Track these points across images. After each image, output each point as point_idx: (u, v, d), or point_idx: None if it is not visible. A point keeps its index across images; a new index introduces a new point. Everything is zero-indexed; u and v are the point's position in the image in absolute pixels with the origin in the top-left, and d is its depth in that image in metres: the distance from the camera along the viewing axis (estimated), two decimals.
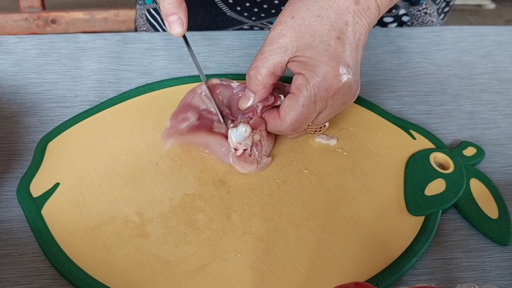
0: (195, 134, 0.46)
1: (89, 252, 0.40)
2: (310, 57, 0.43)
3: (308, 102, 0.43)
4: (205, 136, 0.46)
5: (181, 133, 0.46)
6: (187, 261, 0.40)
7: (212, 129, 0.47)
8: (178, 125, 0.46)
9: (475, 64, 0.64)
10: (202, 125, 0.47)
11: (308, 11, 0.43)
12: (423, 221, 0.44)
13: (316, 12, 0.43)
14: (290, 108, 0.44)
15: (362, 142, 0.51)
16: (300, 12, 0.43)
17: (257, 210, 0.44)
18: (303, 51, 0.43)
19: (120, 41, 0.63)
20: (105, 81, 0.57)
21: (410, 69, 0.63)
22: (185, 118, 0.47)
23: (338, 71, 0.42)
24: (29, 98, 0.55)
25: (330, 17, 0.43)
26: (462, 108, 0.58)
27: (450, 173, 0.48)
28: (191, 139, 0.46)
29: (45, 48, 0.62)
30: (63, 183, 0.45)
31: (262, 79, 0.45)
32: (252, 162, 0.46)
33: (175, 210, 0.43)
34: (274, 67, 0.44)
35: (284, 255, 0.41)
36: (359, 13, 0.43)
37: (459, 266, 0.42)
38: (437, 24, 0.78)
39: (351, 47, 0.43)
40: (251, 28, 0.71)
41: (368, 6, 0.44)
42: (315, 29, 0.43)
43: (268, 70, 0.45)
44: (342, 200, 0.45)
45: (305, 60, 0.43)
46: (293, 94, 0.44)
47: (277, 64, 0.44)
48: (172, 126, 0.46)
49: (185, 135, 0.46)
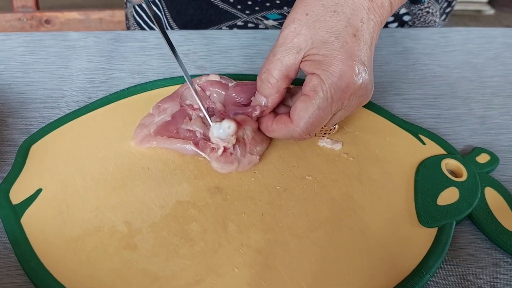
0: (158, 140, 0.45)
1: (71, 266, 0.36)
2: (326, 55, 0.40)
3: (325, 104, 0.41)
4: (166, 142, 0.45)
5: (149, 138, 0.45)
6: (179, 277, 0.36)
7: (180, 127, 0.45)
8: (150, 123, 0.46)
9: (484, 67, 0.62)
10: (172, 123, 0.45)
11: (323, 7, 0.40)
12: (436, 233, 0.41)
13: (332, 7, 0.40)
14: (304, 111, 0.41)
15: (369, 147, 0.47)
16: (314, 8, 0.41)
17: (256, 220, 0.40)
18: (318, 49, 0.40)
19: (112, 39, 0.60)
20: (95, 81, 0.54)
21: (418, 71, 0.60)
22: (166, 108, 0.46)
23: (355, 70, 0.40)
24: (14, 98, 0.52)
25: (346, 13, 0.40)
26: (473, 112, 0.55)
27: (463, 181, 0.44)
28: (156, 144, 0.45)
29: (33, 46, 0.59)
30: (45, 189, 0.41)
31: (276, 82, 0.42)
32: (232, 161, 0.43)
33: (167, 219, 0.40)
34: (288, 69, 0.42)
35: (285, 270, 0.37)
36: (373, 10, 0.41)
37: (475, 283, 0.39)
38: (439, 25, 0.75)
39: (366, 45, 0.41)
40: (245, 23, 0.68)
41: (382, 3, 0.41)
42: (331, 25, 0.40)
43: (281, 73, 0.42)
44: (348, 210, 0.42)
45: (319, 58, 0.40)
46: (307, 96, 0.41)
47: (291, 65, 0.41)
48: (143, 126, 0.46)
49: (152, 140, 0.45)
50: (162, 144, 0.45)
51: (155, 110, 0.47)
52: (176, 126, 0.45)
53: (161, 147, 0.45)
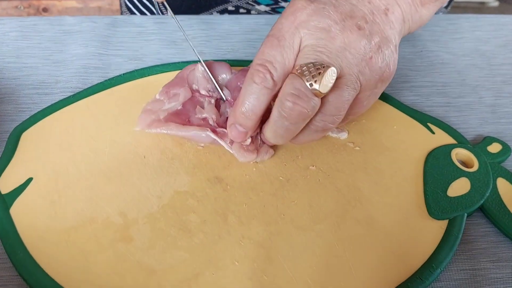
0: (170, 127, 0.41)
1: (62, 259, 0.34)
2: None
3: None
4: (180, 129, 0.41)
5: (159, 123, 0.41)
6: (177, 270, 0.34)
7: (192, 116, 0.42)
8: (159, 109, 0.42)
9: (494, 54, 0.59)
10: (183, 112, 0.42)
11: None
12: (446, 226, 0.39)
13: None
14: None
15: (376, 136, 0.45)
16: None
17: (257, 212, 0.38)
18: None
19: (109, 24, 0.58)
20: (91, 67, 0.52)
21: (425, 58, 0.58)
22: (176, 94, 0.42)
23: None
24: (5, 84, 0.50)
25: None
26: (483, 101, 0.52)
27: (474, 172, 0.42)
28: (167, 131, 0.41)
29: (26, 30, 0.57)
30: (36, 178, 0.39)
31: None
32: (252, 150, 0.41)
33: (164, 210, 0.38)
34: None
35: (289, 263, 0.35)
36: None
37: (487, 278, 0.37)
38: (439, 13, 0.73)
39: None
40: (236, 8, 0.66)
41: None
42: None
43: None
44: (354, 201, 0.40)
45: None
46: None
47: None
48: (151, 111, 0.42)
49: (163, 125, 0.41)
50: (174, 131, 0.41)
51: (163, 95, 0.43)
52: (188, 116, 0.42)
53: (173, 134, 0.41)
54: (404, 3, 0.41)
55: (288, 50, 0.37)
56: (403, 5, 0.40)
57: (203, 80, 0.44)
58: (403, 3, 0.40)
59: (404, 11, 0.41)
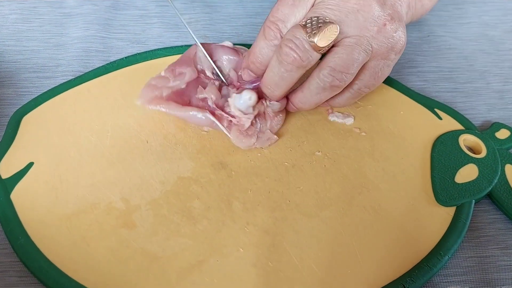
0: (170, 106, 0.40)
1: (64, 245, 0.34)
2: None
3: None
4: (179, 109, 0.40)
5: (160, 100, 0.40)
6: (180, 257, 0.34)
7: (193, 96, 0.41)
8: (163, 85, 0.41)
9: (502, 39, 0.58)
10: (185, 92, 0.41)
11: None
12: (454, 212, 0.38)
13: None
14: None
15: (382, 122, 0.44)
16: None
17: (262, 198, 0.38)
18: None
19: (110, 7, 0.57)
20: (92, 50, 0.51)
21: (432, 43, 0.57)
22: (182, 73, 0.41)
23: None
24: (5, 67, 0.49)
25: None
26: (491, 86, 0.52)
27: (482, 158, 0.42)
28: (167, 109, 0.40)
29: (27, 13, 0.55)
30: (37, 163, 0.39)
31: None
32: (251, 135, 0.40)
33: (167, 196, 0.37)
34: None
35: (294, 250, 0.35)
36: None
37: (495, 265, 0.37)
38: None
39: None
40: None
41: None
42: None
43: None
44: (360, 188, 0.39)
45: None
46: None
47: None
48: (154, 87, 0.41)
49: (163, 103, 0.40)
50: (173, 111, 0.40)
51: (169, 73, 0.42)
52: (189, 96, 0.41)
53: (172, 113, 0.41)
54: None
55: (301, 9, 0.38)
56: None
57: (206, 61, 0.43)
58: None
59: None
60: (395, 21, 0.39)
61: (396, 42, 0.39)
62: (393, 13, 0.39)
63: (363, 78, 0.40)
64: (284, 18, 0.38)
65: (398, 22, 0.39)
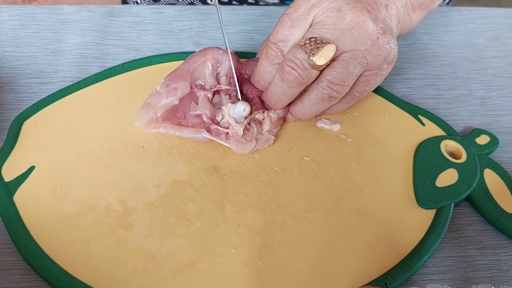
0: (167, 127, 0.44)
1: (65, 245, 0.36)
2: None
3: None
4: (177, 130, 0.43)
5: (156, 122, 0.44)
6: (175, 256, 0.36)
7: (188, 112, 0.43)
8: (157, 104, 0.44)
9: (485, 47, 0.60)
10: (180, 108, 0.43)
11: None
12: (434, 214, 0.40)
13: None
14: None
15: (368, 128, 0.46)
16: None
17: (253, 201, 0.40)
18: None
19: (107, 13, 0.59)
20: (89, 56, 0.52)
21: (418, 51, 0.59)
22: (176, 88, 0.43)
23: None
24: (5, 73, 0.50)
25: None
26: (473, 93, 0.54)
27: (462, 163, 0.44)
28: (165, 130, 0.44)
29: (25, 19, 0.57)
30: (38, 166, 0.40)
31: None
32: (250, 140, 0.42)
33: (163, 199, 0.39)
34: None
35: (283, 250, 0.37)
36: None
37: (473, 264, 0.39)
38: None
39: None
40: (229, 1, 0.67)
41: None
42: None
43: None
44: (346, 191, 0.41)
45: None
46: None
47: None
48: (149, 106, 0.44)
49: (161, 125, 0.44)
50: (172, 131, 0.43)
51: (163, 88, 0.44)
52: (184, 111, 0.43)
53: (170, 134, 0.43)
54: (399, 5, 0.44)
55: (299, 29, 0.41)
56: (398, 6, 0.44)
57: (210, 77, 0.44)
58: (399, 5, 0.44)
59: (399, 11, 0.44)
60: (387, 34, 0.41)
61: (388, 53, 0.42)
62: (384, 27, 0.41)
63: (357, 85, 0.43)
64: (284, 39, 0.41)
65: (389, 35, 0.42)
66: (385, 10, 0.42)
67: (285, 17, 0.41)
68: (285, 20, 0.41)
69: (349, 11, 0.40)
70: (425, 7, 0.47)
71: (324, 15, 0.40)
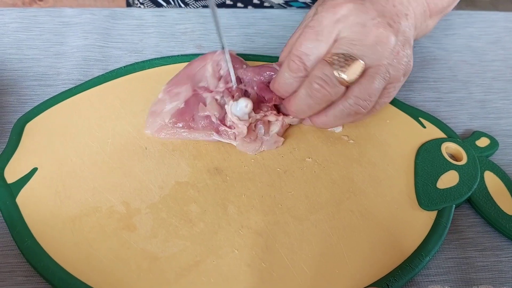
0: (178, 133, 0.44)
1: (68, 246, 0.36)
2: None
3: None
4: (188, 133, 0.44)
5: (166, 129, 0.44)
6: (178, 258, 0.36)
7: (196, 114, 0.43)
8: (162, 111, 0.44)
9: (485, 51, 0.61)
10: (187, 110, 0.44)
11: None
12: (435, 216, 0.40)
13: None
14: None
15: (369, 130, 0.47)
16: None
17: (256, 202, 0.40)
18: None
19: (109, 16, 0.59)
20: (91, 59, 0.53)
21: (418, 54, 0.59)
22: (178, 93, 0.43)
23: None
24: (7, 75, 0.50)
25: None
26: (473, 96, 0.54)
27: (463, 165, 0.44)
28: (177, 137, 0.44)
29: (27, 22, 0.57)
30: (41, 168, 0.41)
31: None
32: (254, 140, 0.43)
33: (166, 200, 0.39)
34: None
35: (286, 251, 0.37)
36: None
37: (474, 266, 0.39)
38: None
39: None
40: (234, 3, 0.67)
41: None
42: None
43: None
44: (348, 193, 0.41)
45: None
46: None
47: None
48: (155, 114, 0.44)
49: (171, 131, 0.44)
50: (182, 135, 0.43)
51: (165, 95, 0.44)
52: (192, 114, 0.43)
53: (181, 138, 0.44)
54: (418, 12, 0.44)
55: (325, 44, 0.40)
56: (417, 14, 0.44)
57: (212, 79, 0.45)
58: (418, 13, 0.44)
59: (416, 19, 0.44)
60: (406, 47, 0.42)
61: (406, 65, 0.42)
62: (404, 40, 0.41)
63: (379, 98, 0.43)
64: (308, 52, 0.40)
65: (408, 47, 0.42)
66: (405, 20, 0.42)
67: (309, 30, 0.41)
68: (309, 32, 0.41)
69: (373, 27, 0.40)
70: (441, 12, 0.47)
71: (350, 30, 0.40)
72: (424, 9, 0.44)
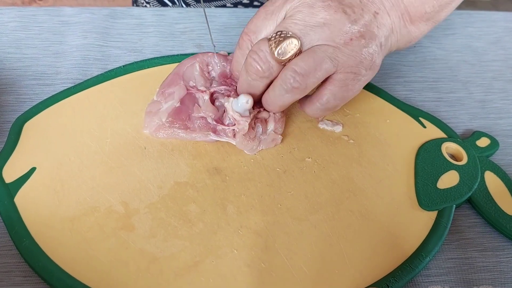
0: (175, 132, 0.44)
1: (66, 246, 0.36)
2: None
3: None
4: (186, 133, 0.44)
5: (164, 128, 0.44)
6: (177, 258, 0.36)
7: (189, 113, 0.44)
8: (158, 111, 0.44)
9: (485, 51, 0.61)
10: (183, 109, 0.43)
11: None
12: (436, 216, 0.40)
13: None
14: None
15: (369, 130, 0.47)
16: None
17: (255, 202, 0.40)
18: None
19: (108, 15, 0.59)
20: (90, 58, 0.52)
21: (418, 54, 0.59)
22: (172, 93, 0.44)
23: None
24: (6, 75, 0.50)
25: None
26: (473, 96, 0.54)
27: (463, 165, 0.44)
28: (174, 136, 0.44)
29: (26, 21, 0.57)
30: (39, 167, 0.40)
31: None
32: (253, 139, 0.42)
33: (165, 200, 0.39)
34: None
35: (285, 252, 0.37)
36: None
37: (474, 266, 0.39)
38: None
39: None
40: (235, 5, 0.67)
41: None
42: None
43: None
44: (348, 193, 0.41)
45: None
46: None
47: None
48: (151, 113, 0.44)
49: (168, 130, 0.44)
50: (180, 135, 0.43)
51: (160, 96, 0.44)
52: (188, 112, 0.43)
53: (179, 138, 0.43)
54: (394, 15, 0.42)
55: (272, 22, 0.41)
56: (392, 16, 0.42)
57: (200, 78, 0.45)
58: (393, 15, 0.42)
59: (393, 21, 0.42)
60: (366, 39, 0.40)
61: (364, 58, 0.40)
62: (365, 32, 0.40)
63: (332, 89, 0.41)
64: (256, 30, 0.41)
65: (369, 40, 0.40)
66: (373, 17, 0.41)
67: (261, 9, 0.42)
68: (261, 12, 0.42)
69: (321, 9, 0.39)
70: (428, 19, 0.45)
71: (296, 10, 0.40)
72: (402, 12, 0.43)
